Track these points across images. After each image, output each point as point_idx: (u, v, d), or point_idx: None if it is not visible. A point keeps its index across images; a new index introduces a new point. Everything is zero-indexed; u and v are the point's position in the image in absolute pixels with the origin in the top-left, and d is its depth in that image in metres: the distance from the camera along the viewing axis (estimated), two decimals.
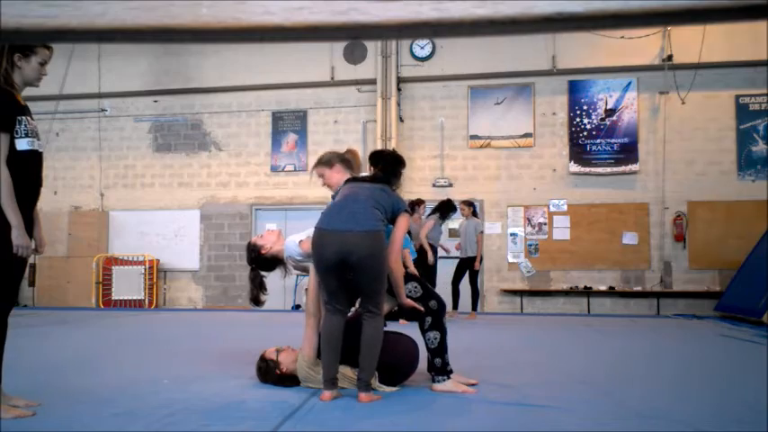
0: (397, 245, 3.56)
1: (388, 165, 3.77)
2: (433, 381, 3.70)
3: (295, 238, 3.89)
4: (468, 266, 9.21)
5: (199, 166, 12.22)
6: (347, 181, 3.77)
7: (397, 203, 3.60)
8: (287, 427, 2.86)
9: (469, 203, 9.52)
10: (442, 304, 3.75)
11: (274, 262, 3.96)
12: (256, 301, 3.98)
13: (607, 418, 3.03)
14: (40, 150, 3.10)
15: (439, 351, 3.67)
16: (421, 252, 8.33)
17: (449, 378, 3.67)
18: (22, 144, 2.98)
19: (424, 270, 8.47)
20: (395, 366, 3.71)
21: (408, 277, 3.76)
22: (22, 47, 2.98)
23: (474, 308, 9.24)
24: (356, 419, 3.02)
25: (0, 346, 2.97)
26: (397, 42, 11.61)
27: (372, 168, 3.83)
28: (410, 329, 4.11)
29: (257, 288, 3.95)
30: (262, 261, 3.96)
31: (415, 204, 8.74)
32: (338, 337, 3.47)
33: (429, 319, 3.68)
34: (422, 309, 3.67)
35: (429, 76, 11.68)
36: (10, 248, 2.88)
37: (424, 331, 3.70)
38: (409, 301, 3.66)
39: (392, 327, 3.94)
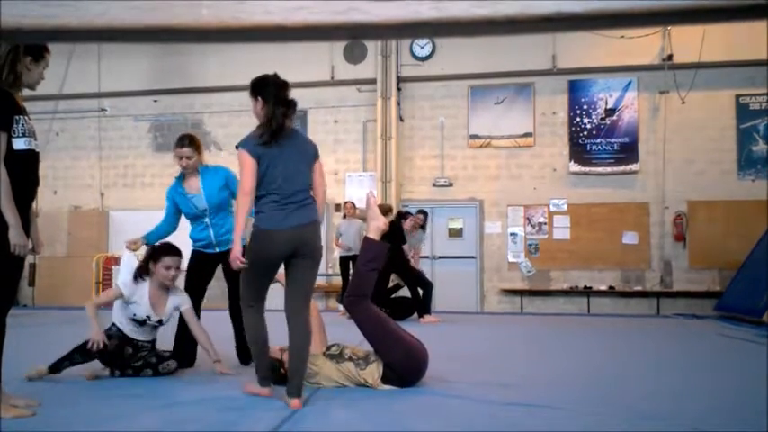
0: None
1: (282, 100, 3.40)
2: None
3: None
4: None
5: None
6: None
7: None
8: (287, 427, 2.86)
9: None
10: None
11: None
12: None
13: (607, 418, 3.03)
14: (37, 150, 3.11)
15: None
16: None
17: None
18: (19, 144, 2.99)
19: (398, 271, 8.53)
20: (402, 367, 3.69)
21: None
22: (34, 52, 3.02)
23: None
24: (356, 419, 3.03)
25: None
26: (397, 42, 11.60)
27: (258, 100, 3.41)
28: (413, 329, 4.10)
29: None
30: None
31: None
32: (266, 337, 3.51)
33: None
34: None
35: (429, 75, 11.67)
36: (8, 248, 2.88)
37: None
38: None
39: (408, 327, 3.94)
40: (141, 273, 4.16)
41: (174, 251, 4.18)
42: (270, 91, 3.39)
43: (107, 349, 3.90)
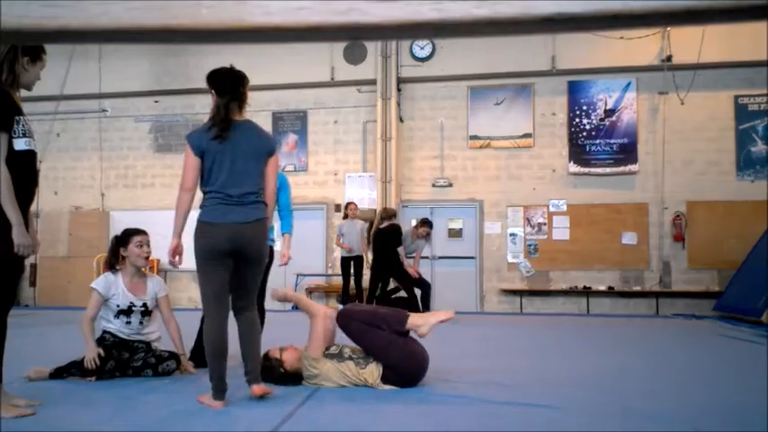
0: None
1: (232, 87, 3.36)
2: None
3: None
4: (357, 264, 9.59)
5: None
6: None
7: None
8: (287, 427, 2.86)
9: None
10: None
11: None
12: None
13: (607, 418, 3.03)
14: (35, 150, 3.12)
15: None
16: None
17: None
18: (19, 144, 2.99)
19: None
20: (401, 368, 3.69)
21: None
22: (32, 52, 3.03)
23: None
24: (356, 419, 3.02)
25: (0, 345, 2.98)
26: (397, 42, 11.60)
27: (212, 92, 3.39)
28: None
29: None
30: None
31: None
32: (224, 343, 3.28)
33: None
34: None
35: (429, 76, 11.67)
36: (10, 247, 2.88)
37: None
38: None
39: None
40: (112, 264, 4.16)
41: (139, 230, 4.21)
42: (220, 82, 3.35)
43: (104, 368, 3.92)
